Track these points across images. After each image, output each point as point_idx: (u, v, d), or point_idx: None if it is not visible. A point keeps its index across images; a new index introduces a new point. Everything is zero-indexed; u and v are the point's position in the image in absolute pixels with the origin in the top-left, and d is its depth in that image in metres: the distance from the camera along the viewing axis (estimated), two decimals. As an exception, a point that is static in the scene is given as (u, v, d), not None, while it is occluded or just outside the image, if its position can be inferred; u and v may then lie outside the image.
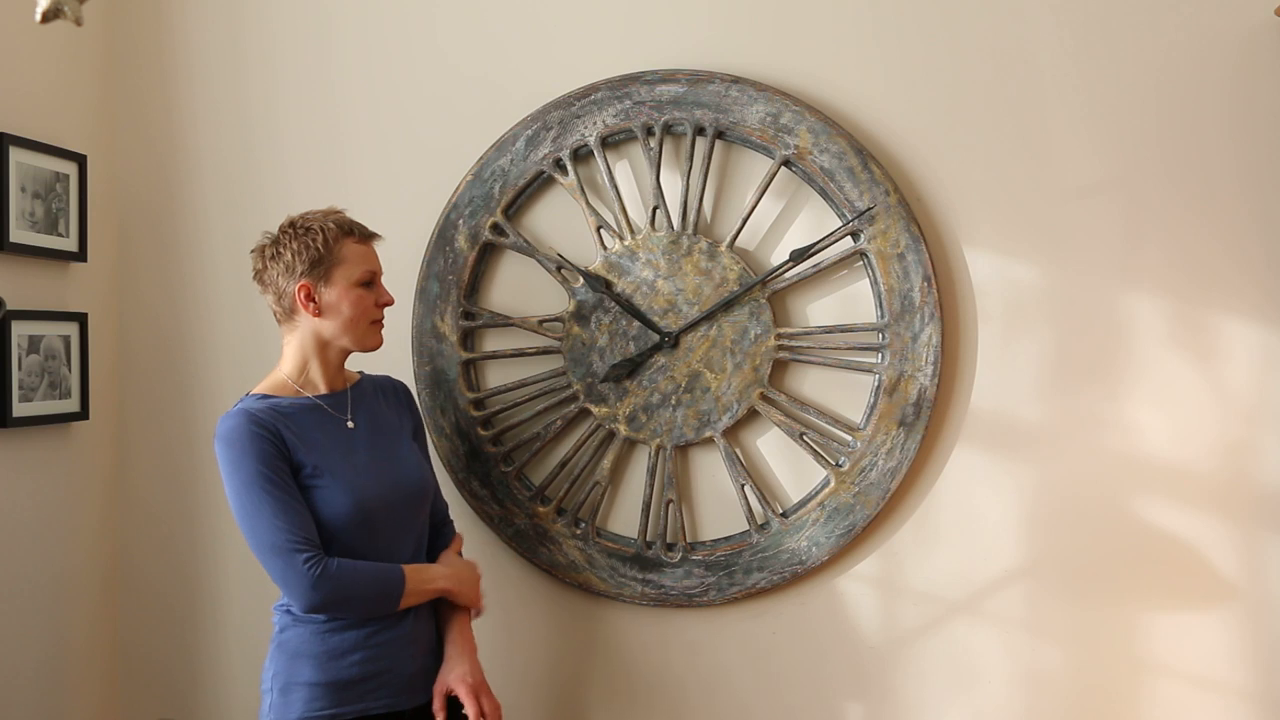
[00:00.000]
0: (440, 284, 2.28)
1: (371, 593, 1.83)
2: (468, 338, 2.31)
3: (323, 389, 1.94)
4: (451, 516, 2.23)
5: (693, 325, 2.22)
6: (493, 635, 2.30)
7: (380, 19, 2.35)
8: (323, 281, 1.89)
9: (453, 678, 1.92)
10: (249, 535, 1.80)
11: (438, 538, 2.08)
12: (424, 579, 1.91)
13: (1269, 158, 2.13)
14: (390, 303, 1.96)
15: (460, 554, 2.09)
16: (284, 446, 1.83)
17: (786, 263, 2.19)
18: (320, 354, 1.93)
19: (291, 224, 1.91)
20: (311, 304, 1.89)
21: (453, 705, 1.94)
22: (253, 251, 1.94)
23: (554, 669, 2.32)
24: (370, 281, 1.93)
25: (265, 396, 1.90)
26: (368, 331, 1.94)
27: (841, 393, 2.23)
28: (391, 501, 1.91)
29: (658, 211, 2.23)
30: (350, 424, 1.94)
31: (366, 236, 1.94)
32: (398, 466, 1.95)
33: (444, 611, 1.99)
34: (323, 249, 1.88)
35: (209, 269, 2.39)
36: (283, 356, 1.95)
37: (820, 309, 2.24)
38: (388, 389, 2.06)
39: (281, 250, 1.89)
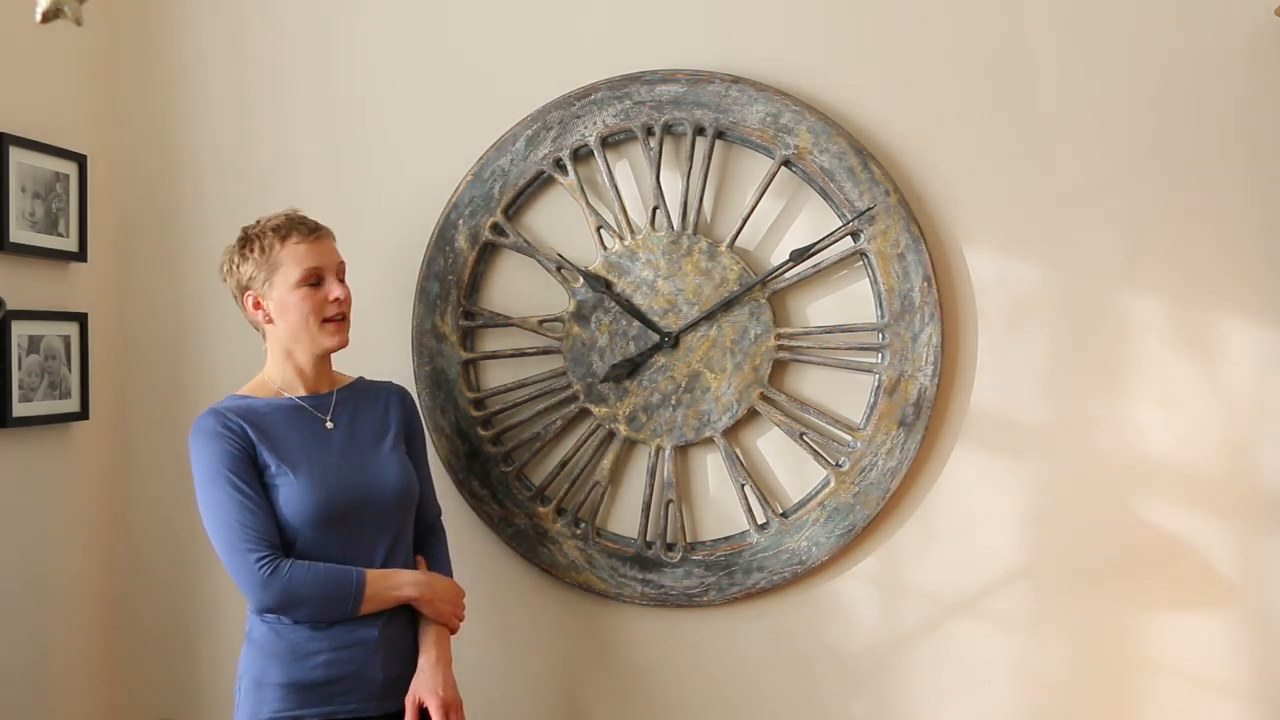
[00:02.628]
0: (440, 284, 2.28)
1: (325, 594, 1.81)
2: (468, 338, 2.30)
3: (302, 390, 1.95)
4: (450, 516, 2.24)
5: (693, 325, 2.22)
6: (493, 635, 2.30)
7: (380, 19, 2.35)
8: (267, 288, 1.90)
9: (424, 690, 1.86)
10: (210, 532, 1.83)
11: (425, 543, 2.05)
12: (388, 585, 1.87)
13: (1269, 158, 2.13)
14: (340, 296, 1.91)
15: (439, 571, 2.04)
16: (249, 445, 1.84)
17: (786, 263, 2.19)
18: (290, 359, 1.94)
19: (238, 237, 1.94)
20: (261, 312, 1.92)
21: (425, 716, 1.88)
22: (219, 271, 1.97)
23: (554, 669, 2.32)
24: (316, 280, 1.90)
25: (242, 397, 1.92)
26: (320, 332, 1.91)
27: (841, 393, 2.23)
28: (360, 503, 1.89)
29: (658, 211, 2.23)
30: (329, 424, 1.93)
31: (310, 233, 1.91)
32: (373, 468, 1.93)
33: (422, 621, 1.94)
34: (260, 257, 1.89)
35: (209, 269, 2.38)
36: (265, 362, 1.98)
37: (820, 309, 2.24)
38: (383, 394, 2.04)
39: (233, 267, 1.93)
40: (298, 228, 1.91)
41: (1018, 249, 2.19)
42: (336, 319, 1.92)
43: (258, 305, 1.91)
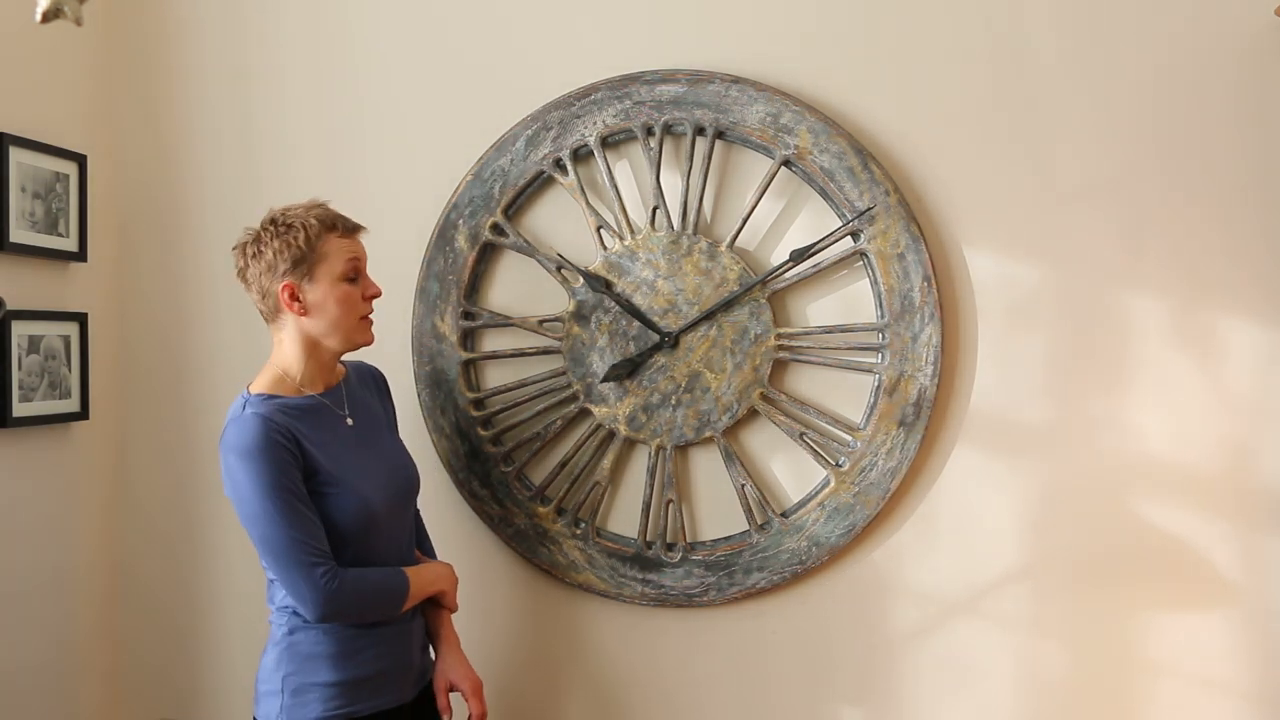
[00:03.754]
0: (440, 284, 2.28)
1: (380, 601, 1.85)
2: (468, 338, 2.30)
3: (321, 386, 1.91)
4: (450, 516, 2.25)
5: (693, 325, 2.22)
6: (493, 635, 2.30)
7: (380, 19, 2.35)
8: (306, 279, 1.83)
9: (456, 675, 1.98)
10: (263, 543, 1.76)
11: (417, 526, 2.11)
12: (425, 581, 1.95)
13: (1270, 158, 2.13)
14: (377, 294, 1.90)
15: (429, 556, 2.12)
16: (300, 453, 1.78)
17: (786, 263, 2.19)
18: (313, 353, 1.88)
19: (273, 220, 1.86)
20: (296, 303, 1.84)
21: (426, 697, 1.99)
22: (234, 248, 1.89)
23: (554, 669, 2.32)
24: (355, 275, 1.88)
25: (271, 396, 1.83)
26: (356, 328, 1.88)
27: (841, 393, 2.23)
28: (392, 500, 1.91)
29: (658, 211, 2.23)
30: (349, 421, 1.93)
31: (350, 230, 1.89)
32: (394, 464, 1.96)
33: (430, 609, 2.02)
34: (305, 246, 1.82)
35: (209, 269, 2.39)
36: (275, 354, 1.90)
37: (820, 309, 2.24)
38: (368, 377, 2.06)
39: (263, 248, 1.84)
40: (340, 221, 1.87)
41: (1018, 249, 2.19)
42: (369, 317, 1.91)
43: (295, 296, 1.84)
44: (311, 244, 1.83)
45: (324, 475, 1.80)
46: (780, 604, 2.25)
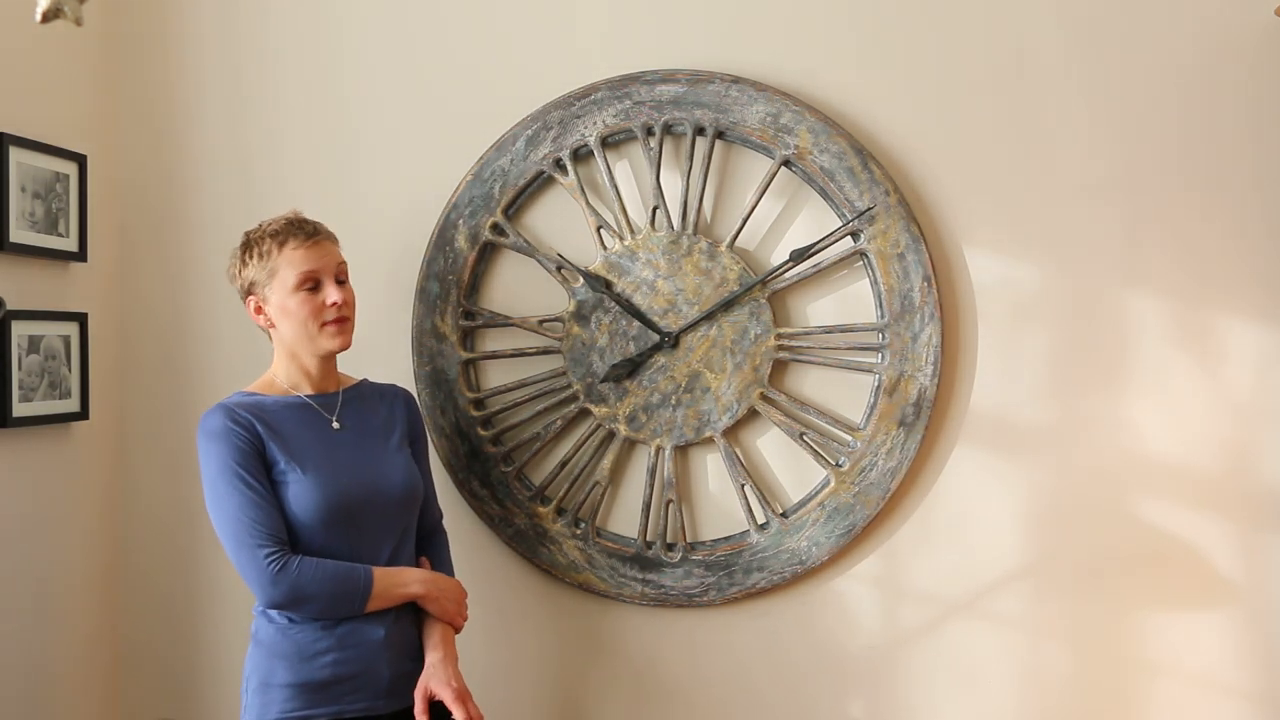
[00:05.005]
0: (440, 284, 2.28)
1: (334, 591, 1.82)
2: (468, 338, 2.31)
3: (309, 390, 1.95)
4: (450, 516, 2.24)
5: (693, 325, 2.22)
6: (493, 636, 2.30)
7: (380, 18, 2.35)
8: (267, 292, 1.90)
9: (435, 683, 1.87)
10: (217, 528, 1.83)
11: (428, 545, 2.06)
12: (395, 582, 1.89)
13: (1270, 157, 2.13)
14: (338, 301, 1.89)
15: (442, 572, 2.04)
16: (258, 442, 1.84)
17: (786, 263, 2.20)
18: (293, 359, 1.94)
19: (243, 240, 1.95)
20: (262, 316, 1.93)
21: (434, 711, 1.89)
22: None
23: (554, 669, 2.32)
24: (313, 283, 1.90)
25: (251, 394, 1.93)
26: (320, 335, 1.90)
27: (841, 393, 2.23)
28: (369, 502, 1.89)
29: (658, 211, 2.23)
30: (336, 424, 1.94)
31: (308, 236, 1.90)
32: (380, 468, 1.94)
33: (427, 619, 1.96)
34: (258, 263, 1.90)
35: (209, 269, 2.39)
36: (272, 361, 1.98)
37: (820, 309, 2.24)
38: (388, 395, 2.05)
39: (235, 269, 1.94)
40: (295, 233, 1.90)
41: (1018, 249, 2.19)
42: (336, 321, 1.91)
43: (259, 310, 1.92)
44: (264, 259, 1.90)
45: (282, 464, 1.85)
46: (780, 604, 2.25)
